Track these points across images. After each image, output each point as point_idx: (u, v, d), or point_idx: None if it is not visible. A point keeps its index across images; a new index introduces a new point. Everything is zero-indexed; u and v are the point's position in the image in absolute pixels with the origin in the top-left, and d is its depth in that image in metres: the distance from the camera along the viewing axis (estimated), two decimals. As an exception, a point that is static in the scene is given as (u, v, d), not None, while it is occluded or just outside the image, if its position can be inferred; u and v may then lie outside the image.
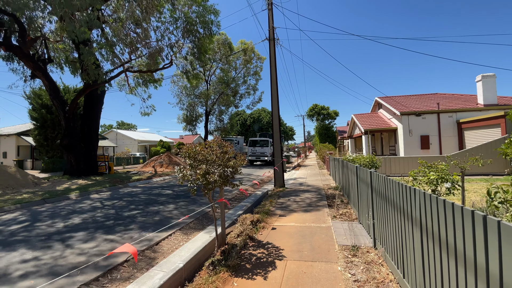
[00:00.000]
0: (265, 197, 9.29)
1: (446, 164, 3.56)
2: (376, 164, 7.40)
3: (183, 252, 4.43)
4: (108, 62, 13.99)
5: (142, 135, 47.81)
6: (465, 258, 1.72)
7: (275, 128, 11.63)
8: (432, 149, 17.47)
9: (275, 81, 11.64)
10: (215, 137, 4.44)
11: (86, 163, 15.01)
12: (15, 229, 5.82)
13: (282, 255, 4.09)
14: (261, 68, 31.38)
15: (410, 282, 2.73)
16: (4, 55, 14.83)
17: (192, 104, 30.46)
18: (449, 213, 1.88)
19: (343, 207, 6.95)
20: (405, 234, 2.80)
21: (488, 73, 16.96)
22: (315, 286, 3.13)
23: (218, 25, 13.86)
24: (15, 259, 4.22)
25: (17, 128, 29.01)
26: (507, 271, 1.37)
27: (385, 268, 3.44)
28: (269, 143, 27.38)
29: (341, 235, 4.85)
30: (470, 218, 1.64)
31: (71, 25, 8.53)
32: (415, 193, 2.44)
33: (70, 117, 14.37)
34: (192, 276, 3.91)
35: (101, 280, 3.64)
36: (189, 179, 3.96)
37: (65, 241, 4.99)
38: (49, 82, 13.85)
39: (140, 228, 5.80)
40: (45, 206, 8.18)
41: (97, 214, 7.00)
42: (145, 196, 9.62)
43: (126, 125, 78.82)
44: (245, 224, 5.37)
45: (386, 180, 3.35)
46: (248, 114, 57.31)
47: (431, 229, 2.19)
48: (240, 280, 3.33)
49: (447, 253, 1.95)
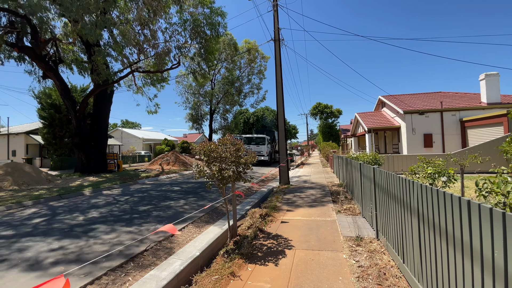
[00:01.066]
0: (271, 194, 9.60)
1: (443, 160, 3.83)
2: (379, 161, 7.67)
3: (197, 243, 4.76)
4: (118, 62, 14.38)
5: (147, 134, 48.37)
6: (454, 240, 2.01)
7: (280, 127, 11.93)
8: (435, 147, 17.63)
9: (280, 81, 11.92)
10: (228, 135, 4.76)
11: (96, 161, 15.45)
12: (38, 222, 6.20)
13: (291, 245, 4.41)
14: (265, 67, 31.66)
15: (409, 266, 3.02)
16: (15, 56, 15.28)
17: (197, 103, 30.85)
18: (442, 201, 2.18)
19: (347, 202, 7.23)
20: (405, 223, 3.09)
21: (492, 72, 17.06)
22: (323, 270, 3.44)
23: (225, 27, 14.19)
24: (42, 248, 4.58)
25: (25, 127, 29.65)
26: (486, 245, 1.66)
27: (387, 256, 3.74)
28: (266, 141, 23.55)
29: (346, 227, 5.14)
30: (457, 204, 1.93)
31: (86, 28, 8.89)
32: (413, 185, 2.73)
33: (81, 116, 14.81)
34: (207, 263, 4.24)
35: (125, 266, 3.98)
36: (205, 174, 4.28)
37: (87, 232, 5.35)
38: (60, 82, 14.28)
39: (155, 221, 6.14)
40: (62, 202, 8.58)
41: (112, 209, 7.37)
42: (156, 193, 9.99)
43: (130, 123, 79.62)
44: (254, 218, 5.69)
45: (388, 174, 3.64)
46: (251, 113, 57.55)
47: (427, 217, 2.48)
48: (253, 266, 3.65)
49: (440, 236, 2.25)
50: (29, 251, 4.43)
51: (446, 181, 3.50)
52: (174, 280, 3.45)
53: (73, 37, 13.01)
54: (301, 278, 3.27)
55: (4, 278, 3.48)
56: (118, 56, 12.82)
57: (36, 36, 12.64)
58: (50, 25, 13.81)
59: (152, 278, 3.43)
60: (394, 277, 3.18)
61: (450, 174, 3.50)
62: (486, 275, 1.67)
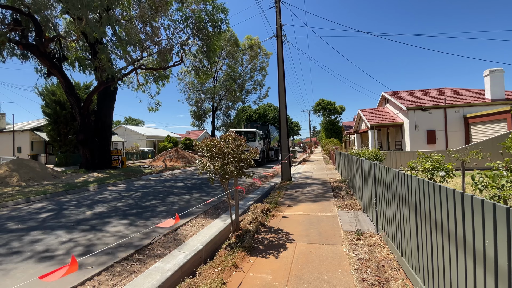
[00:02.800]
0: (273, 189, 9.70)
1: (442, 155, 3.88)
2: (380, 157, 7.71)
3: (201, 236, 4.88)
4: (122, 59, 14.49)
5: (150, 131, 48.65)
6: (449, 232, 2.08)
7: (283, 123, 11.99)
8: (438, 144, 17.58)
9: (283, 78, 11.94)
10: (230, 131, 4.84)
11: (101, 157, 15.66)
12: (46, 217, 6.36)
13: (292, 238, 4.50)
14: (267, 64, 31.61)
15: (407, 258, 3.10)
16: (18, 54, 15.42)
17: (199, 100, 30.94)
18: (437, 194, 2.24)
19: (348, 198, 7.30)
20: (403, 217, 3.16)
21: (496, 68, 16.90)
22: (323, 263, 3.53)
23: (227, 23, 14.21)
24: (53, 241, 4.72)
25: (30, 124, 30.00)
26: (477, 236, 1.73)
27: (386, 250, 3.82)
28: (257, 136, 19.64)
29: (346, 222, 5.22)
30: (452, 197, 2.00)
31: (91, 25, 8.99)
32: (411, 179, 2.80)
33: (85, 113, 14.98)
34: (210, 256, 4.35)
35: (131, 259, 4.10)
36: (207, 169, 4.37)
37: (94, 226, 5.49)
38: (64, 79, 14.43)
39: (159, 216, 6.27)
40: (68, 197, 8.76)
41: (118, 204, 7.52)
42: (160, 188, 10.14)
43: (134, 120, 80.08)
44: (256, 212, 5.79)
45: (388, 170, 3.70)
46: (253, 110, 57.60)
47: (423, 210, 2.55)
48: (255, 259, 3.75)
49: (435, 229, 2.32)
50: (39, 244, 4.57)
51: (445, 176, 3.55)
52: (178, 272, 3.57)
53: (77, 34, 13.12)
54: (301, 270, 3.37)
55: (16, 270, 3.62)
56: (122, 53, 12.92)
57: (41, 34, 12.76)
58: (54, 23, 13.91)
59: (157, 270, 3.55)
60: (392, 269, 3.26)
61: (448, 169, 3.56)
62: (478, 266, 1.74)
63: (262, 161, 20.61)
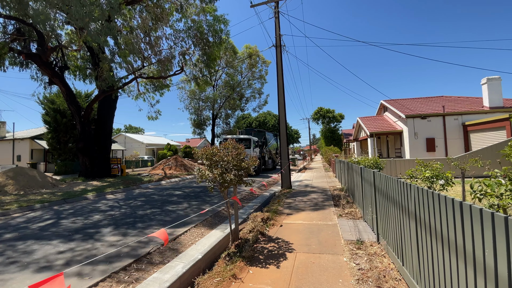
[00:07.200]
0: (273, 198, 9.65)
1: (442, 164, 3.88)
2: (380, 165, 7.71)
3: (199, 246, 4.83)
4: (123, 69, 14.65)
5: (150, 139, 48.68)
6: (449, 241, 2.07)
7: (282, 131, 12.03)
8: (438, 151, 17.59)
9: (282, 87, 12.05)
10: (229, 139, 4.85)
11: (100, 165, 15.61)
12: (44, 225, 6.30)
13: (292, 248, 4.46)
14: (266, 72, 31.93)
15: (408, 268, 3.07)
16: (19, 62, 15.55)
17: (199, 108, 31.11)
18: (436, 202, 2.24)
19: (348, 206, 7.26)
20: (404, 226, 3.14)
21: (494, 76, 17.08)
22: (323, 273, 3.49)
23: (228, 34, 14.46)
24: (50, 251, 4.66)
25: (30, 132, 30.03)
26: (477, 245, 1.72)
27: (387, 259, 3.77)
28: (252, 143, 18.41)
29: (347, 231, 5.18)
30: (451, 205, 2.00)
31: (93, 35, 9.13)
32: (410, 188, 2.80)
33: (86, 121, 15.03)
34: (209, 266, 4.29)
35: (128, 269, 4.04)
36: (207, 178, 4.36)
37: (92, 235, 5.44)
38: (65, 88, 14.54)
39: (158, 225, 6.22)
40: (66, 206, 8.70)
41: (116, 213, 7.47)
42: (158, 197, 10.08)
43: (134, 128, 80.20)
44: (256, 221, 5.74)
45: (387, 178, 3.70)
46: (253, 118, 57.82)
47: (423, 219, 2.54)
48: (255, 269, 3.71)
49: (435, 238, 2.30)
50: (36, 253, 4.52)
51: (444, 184, 3.55)
52: (177, 283, 3.51)
53: (79, 44, 13.30)
54: (301, 281, 3.32)
55: (13, 280, 3.57)
56: (123, 62, 13.07)
57: (43, 43, 12.93)
58: (56, 33, 14.12)
59: (155, 280, 3.50)
60: (393, 280, 3.21)
61: (448, 177, 3.56)
62: (478, 275, 1.73)
63: (259, 169, 19.32)
